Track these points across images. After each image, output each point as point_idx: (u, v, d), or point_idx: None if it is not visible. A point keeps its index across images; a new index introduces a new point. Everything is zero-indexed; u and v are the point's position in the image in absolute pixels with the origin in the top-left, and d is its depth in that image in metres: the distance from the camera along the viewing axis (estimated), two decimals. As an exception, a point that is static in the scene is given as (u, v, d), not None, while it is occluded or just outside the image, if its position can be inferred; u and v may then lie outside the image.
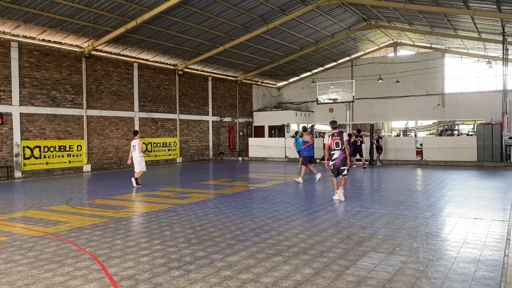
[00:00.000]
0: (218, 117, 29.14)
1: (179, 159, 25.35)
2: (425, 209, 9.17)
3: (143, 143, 21.48)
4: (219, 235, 6.98)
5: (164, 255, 5.87)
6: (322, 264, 5.41)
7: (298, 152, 21.50)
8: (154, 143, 23.75)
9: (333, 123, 10.67)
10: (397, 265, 5.34)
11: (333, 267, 5.30)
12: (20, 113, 17.25)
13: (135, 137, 14.05)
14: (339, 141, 10.25)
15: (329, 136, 10.42)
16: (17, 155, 17.04)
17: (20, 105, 17.25)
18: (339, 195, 10.26)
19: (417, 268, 5.24)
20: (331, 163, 10.38)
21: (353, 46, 29.82)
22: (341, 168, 10.31)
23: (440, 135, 29.21)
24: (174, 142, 25.17)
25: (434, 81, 29.69)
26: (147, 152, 14.39)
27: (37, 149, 17.77)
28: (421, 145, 23.83)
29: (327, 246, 6.27)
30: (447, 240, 6.61)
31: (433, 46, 29.29)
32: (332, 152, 10.35)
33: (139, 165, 13.83)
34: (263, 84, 34.24)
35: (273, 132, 32.08)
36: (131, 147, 14.04)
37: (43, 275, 5.10)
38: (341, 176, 10.40)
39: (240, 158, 27.52)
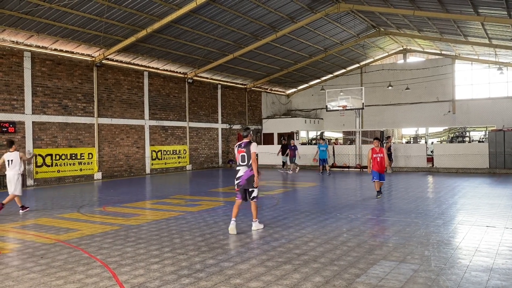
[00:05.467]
0: (228, 124, 29.22)
1: (188, 167, 25.43)
2: (436, 217, 9.09)
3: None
4: (229, 243, 6.99)
5: (174, 263, 5.89)
6: (332, 273, 5.39)
7: (321, 160, 21.25)
8: (164, 150, 23.88)
9: (245, 130, 8.27)
10: (408, 274, 5.30)
11: (344, 276, 5.27)
12: (33, 122, 17.47)
13: (10, 149, 10.79)
14: (245, 155, 7.99)
15: (236, 147, 8.24)
16: (29, 163, 17.24)
17: (33, 113, 17.48)
18: (231, 228, 7.77)
19: (428, 276, 5.19)
20: (236, 182, 8.09)
21: (362, 53, 29.79)
22: (250, 189, 7.98)
23: (451, 142, 28.94)
24: (184, 149, 25.28)
25: (445, 87, 29.50)
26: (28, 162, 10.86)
27: (49, 157, 17.97)
28: (432, 152, 23.64)
29: (337, 254, 6.24)
30: (459, 248, 6.54)
31: (443, 52, 29.14)
32: (237, 169, 8.12)
33: (14, 186, 10.62)
34: (272, 92, 34.31)
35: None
36: (6, 162, 10.73)
37: (54, 283, 5.15)
38: (250, 200, 8.04)
39: (249, 166, 27.51)
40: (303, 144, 30.98)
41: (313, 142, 31.55)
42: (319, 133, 32.29)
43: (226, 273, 5.41)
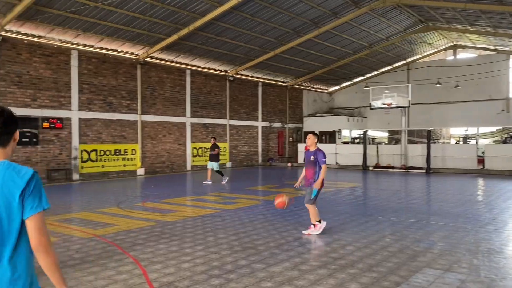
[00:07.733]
0: (268, 122, 29.05)
1: (228, 164, 25.48)
2: (487, 222, 8.47)
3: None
4: (263, 243, 6.78)
5: (205, 262, 5.76)
6: (370, 279, 5.06)
7: None
8: (204, 148, 24.07)
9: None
10: (455, 284, 4.88)
11: (383, 283, 4.92)
12: (79, 118, 18.05)
13: None
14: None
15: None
16: (75, 158, 17.83)
17: (79, 110, 18.05)
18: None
19: (477, 288, 4.76)
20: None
21: (409, 49, 28.70)
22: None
23: (505, 142, 27.26)
24: (224, 147, 25.34)
25: (498, 85, 27.87)
26: None
27: (94, 152, 18.51)
28: (483, 153, 22.37)
29: (377, 259, 5.88)
30: (512, 258, 6.01)
31: (497, 48, 27.52)
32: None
33: None
34: (313, 89, 33.79)
35: (323, 138, 31.50)
36: None
37: (85, 278, 5.14)
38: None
39: (289, 164, 27.23)
40: (345, 143, 30.28)
41: (356, 141, 30.75)
42: (362, 132, 31.44)
43: (257, 276, 5.21)
